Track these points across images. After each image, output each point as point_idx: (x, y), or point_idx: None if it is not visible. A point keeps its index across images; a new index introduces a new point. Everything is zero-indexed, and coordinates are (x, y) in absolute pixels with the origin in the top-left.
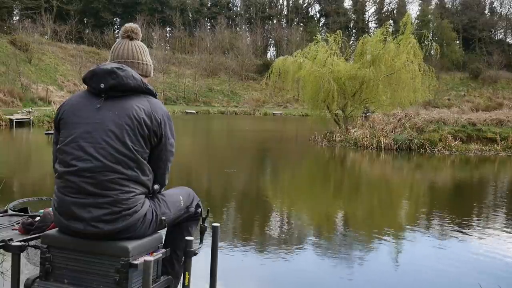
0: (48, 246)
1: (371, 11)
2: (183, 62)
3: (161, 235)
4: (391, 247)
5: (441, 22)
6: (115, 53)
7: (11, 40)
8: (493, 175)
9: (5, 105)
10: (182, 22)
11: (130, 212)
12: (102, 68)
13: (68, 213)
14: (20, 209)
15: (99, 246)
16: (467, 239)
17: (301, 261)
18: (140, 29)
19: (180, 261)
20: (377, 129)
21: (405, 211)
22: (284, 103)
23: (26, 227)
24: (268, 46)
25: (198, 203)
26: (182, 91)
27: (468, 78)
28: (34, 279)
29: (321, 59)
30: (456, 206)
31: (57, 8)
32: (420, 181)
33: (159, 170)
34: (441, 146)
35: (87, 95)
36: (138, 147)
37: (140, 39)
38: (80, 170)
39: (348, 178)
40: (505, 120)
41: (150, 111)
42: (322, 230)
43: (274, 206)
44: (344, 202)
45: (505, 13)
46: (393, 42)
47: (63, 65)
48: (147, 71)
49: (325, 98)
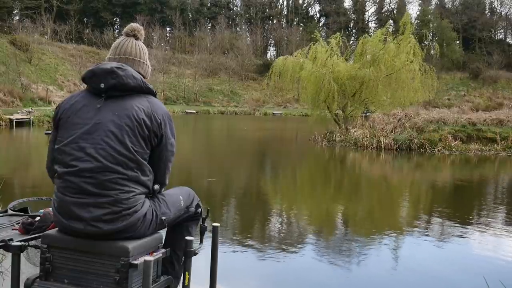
0: (48, 246)
1: (371, 11)
2: (183, 62)
3: (161, 235)
4: (392, 247)
5: (441, 22)
6: (121, 49)
7: (11, 40)
8: (493, 175)
9: (5, 105)
10: (182, 22)
11: (130, 212)
12: (101, 67)
13: (68, 213)
14: (20, 209)
15: (99, 246)
16: (468, 238)
17: (301, 261)
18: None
19: (180, 261)
20: (377, 129)
21: (405, 211)
22: (284, 103)
23: (26, 227)
24: (268, 46)
25: (198, 203)
26: (182, 91)
27: (468, 78)
28: (34, 279)
29: (322, 59)
30: (456, 206)
31: (57, 8)
32: (420, 181)
33: (159, 170)
34: (441, 146)
35: (87, 95)
36: (138, 148)
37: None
38: (81, 170)
39: (348, 178)
40: (505, 120)
41: (150, 112)
42: (322, 230)
43: (274, 206)
44: (344, 202)
45: (505, 13)
46: (393, 42)
47: (63, 65)
48: (147, 73)
49: (325, 98)
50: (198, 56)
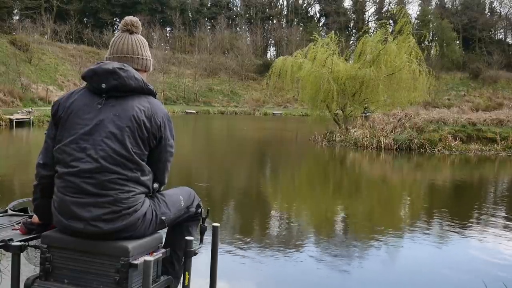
0: (48, 246)
1: (371, 11)
2: (183, 62)
3: (161, 235)
4: (391, 247)
5: (441, 22)
6: (115, 48)
7: (11, 40)
8: (493, 175)
9: (5, 105)
10: (182, 22)
11: (130, 211)
12: (103, 67)
13: (68, 213)
14: (20, 209)
15: (99, 246)
16: (467, 238)
17: (301, 261)
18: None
19: (180, 261)
20: (377, 129)
21: (405, 211)
22: (284, 103)
23: (26, 227)
24: (268, 46)
25: (198, 203)
26: (182, 91)
27: (468, 78)
28: (34, 279)
29: (321, 59)
30: (456, 206)
31: (57, 8)
32: (420, 181)
33: (158, 170)
34: (441, 146)
35: (86, 93)
36: (137, 149)
37: (140, 33)
38: (81, 171)
39: (348, 178)
40: (505, 120)
41: (150, 113)
42: (322, 230)
43: (274, 206)
44: (344, 202)
45: (505, 13)
46: (393, 43)
47: (63, 65)
48: (146, 66)
49: (325, 98)
50: (198, 56)
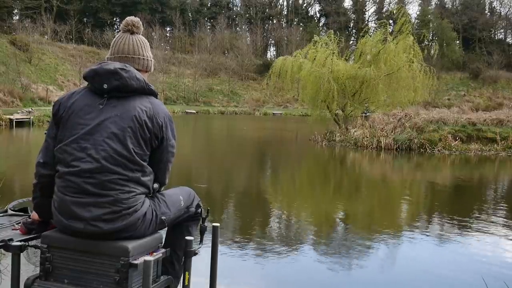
0: (48, 246)
1: (371, 11)
2: (183, 62)
3: (161, 235)
4: (392, 247)
5: (441, 22)
6: (116, 48)
7: (11, 40)
8: (493, 175)
9: (5, 105)
10: (182, 22)
11: (130, 211)
12: (104, 68)
13: (68, 213)
14: (20, 209)
15: (99, 246)
16: (467, 238)
17: (302, 260)
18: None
19: (180, 261)
20: (377, 129)
21: (405, 210)
22: (284, 103)
23: (26, 227)
24: (268, 46)
25: (198, 203)
26: (182, 91)
27: (468, 78)
28: (34, 279)
29: (321, 59)
30: (456, 206)
31: (57, 8)
32: (420, 181)
33: (159, 171)
34: (441, 146)
35: (88, 93)
36: (138, 150)
37: (141, 33)
38: (82, 171)
39: (348, 178)
40: (505, 120)
41: (152, 114)
42: (322, 230)
43: (274, 205)
44: (344, 202)
45: (505, 13)
46: (393, 42)
47: (63, 65)
48: (147, 66)
49: (325, 98)
50: (198, 56)
